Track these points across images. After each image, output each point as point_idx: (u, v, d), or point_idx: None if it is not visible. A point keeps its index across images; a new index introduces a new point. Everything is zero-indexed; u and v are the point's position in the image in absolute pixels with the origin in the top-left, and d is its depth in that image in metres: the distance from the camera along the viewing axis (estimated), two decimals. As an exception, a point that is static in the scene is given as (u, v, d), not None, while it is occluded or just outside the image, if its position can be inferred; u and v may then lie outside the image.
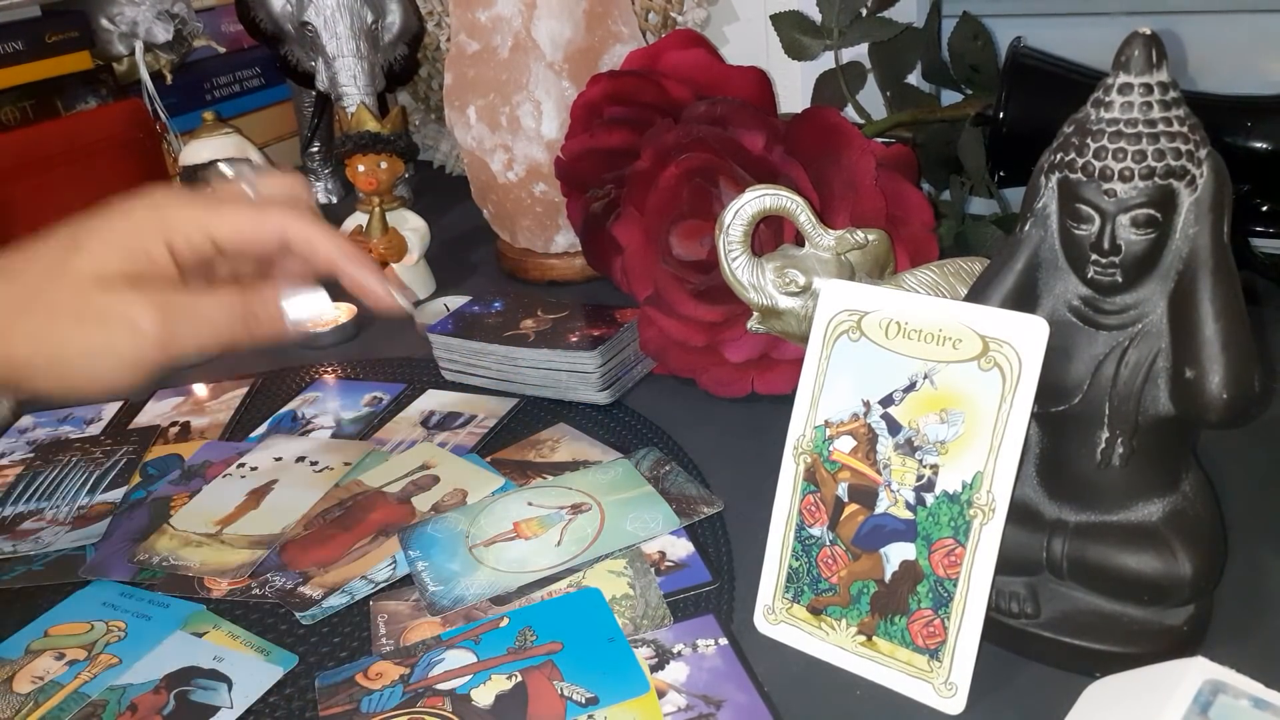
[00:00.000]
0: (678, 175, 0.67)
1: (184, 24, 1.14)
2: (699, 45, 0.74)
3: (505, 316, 0.74)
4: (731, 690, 0.44)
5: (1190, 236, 0.40)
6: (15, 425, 0.73)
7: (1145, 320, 0.41)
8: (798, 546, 0.47)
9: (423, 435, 0.67)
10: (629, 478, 0.59)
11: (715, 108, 0.67)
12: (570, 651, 0.46)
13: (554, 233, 0.88)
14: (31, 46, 0.98)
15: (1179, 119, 0.39)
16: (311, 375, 0.77)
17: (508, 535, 0.55)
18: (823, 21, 0.86)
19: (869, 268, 0.58)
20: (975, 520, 0.42)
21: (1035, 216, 0.43)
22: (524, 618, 0.49)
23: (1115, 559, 0.43)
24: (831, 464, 0.46)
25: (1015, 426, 0.41)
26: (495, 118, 0.84)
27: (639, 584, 0.50)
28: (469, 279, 0.93)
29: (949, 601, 0.42)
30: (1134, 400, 0.42)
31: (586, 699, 0.43)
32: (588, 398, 0.68)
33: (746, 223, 0.58)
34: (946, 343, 0.43)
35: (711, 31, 1.03)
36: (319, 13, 1.02)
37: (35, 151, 0.95)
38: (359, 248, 0.48)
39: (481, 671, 0.45)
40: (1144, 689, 0.37)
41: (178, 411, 0.73)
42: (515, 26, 0.81)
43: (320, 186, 1.20)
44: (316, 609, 0.51)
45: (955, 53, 0.86)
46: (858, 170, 0.62)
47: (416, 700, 0.44)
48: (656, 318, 0.68)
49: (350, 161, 0.86)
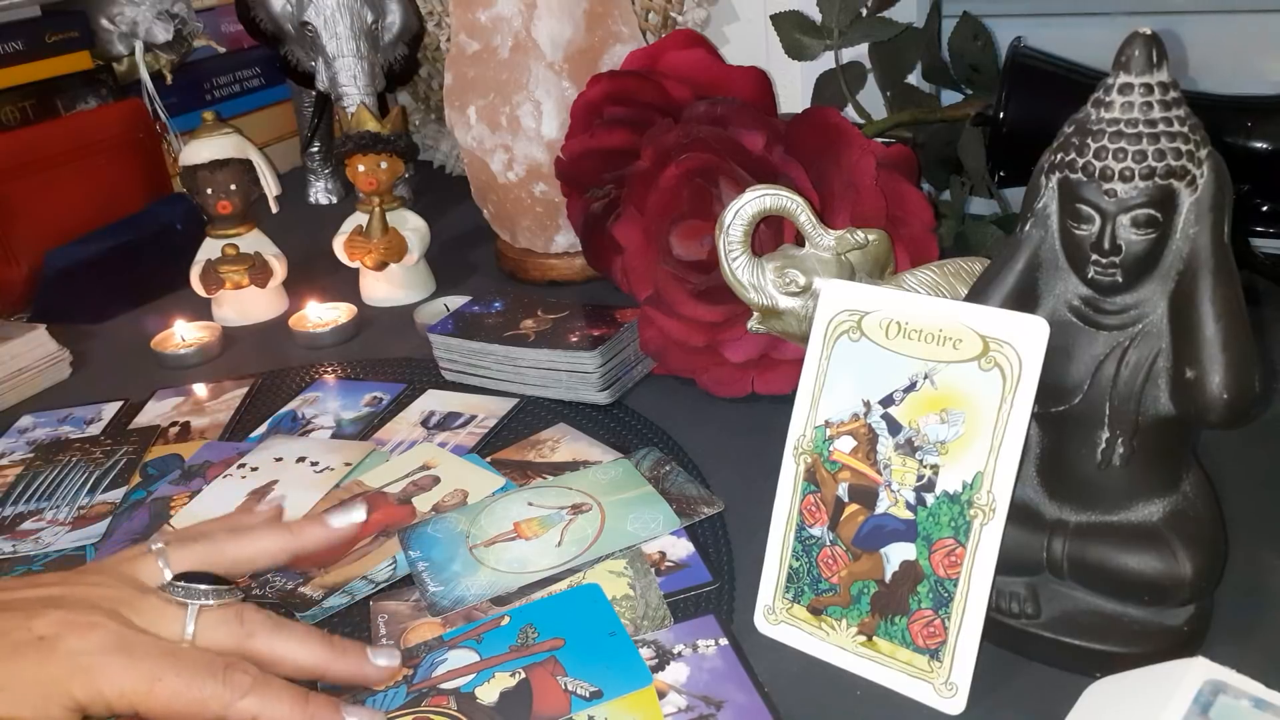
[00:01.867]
0: (678, 175, 0.67)
1: (184, 24, 1.14)
2: (699, 45, 0.74)
3: (505, 316, 0.74)
4: (732, 690, 0.44)
5: (1190, 236, 0.40)
6: (15, 425, 0.73)
7: (1145, 320, 0.41)
8: (798, 546, 0.47)
9: (423, 435, 0.67)
10: (629, 478, 0.59)
11: (715, 108, 0.67)
12: (572, 647, 0.46)
13: (554, 233, 0.88)
14: (31, 46, 0.98)
15: (1179, 119, 0.39)
16: (311, 375, 0.77)
17: (508, 535, 0.55)
18: (823, 21, 0.86)
19: (869, 268, 0.58)
20: (975, 520, 0.42)
21: (1035, 216, 0.43)
22: (525, 615, 0.49)
23: (1115, 559, 0.43)
24: (832, 464, 0.46)
25: (1015, 427, 0.41)
26: (495, 118, 0.84)
27: (639, 584, 0.50)
28: (469, 279, 0.93)
29: (949, 601, 0.42)
30: (1134, 400, 0.42)
31: (590, 693, 0.44)
32: (588, 398, 0.68)
33: (746, 223, 0.58)
34: (947, 343, 0.43)
35: (711, 31, 1.03)
36: (319, 13, 1.02)
37: (35, 151, 0.95)
38: (314, 702, 0.42)
39: (485, 670, 0.45)
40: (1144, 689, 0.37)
41: (178, 411, 0.73)
42: (515, 26, 0.81)
43: (320, 186, 1.20)
44: (317, 609, 0.51)
45: (955, 53, 0.86)
46: (858, 170, 0.62)
47: (421, 700, 0.44)
48: (656, 318, 0.68)
49: (350, 161, 0.86)
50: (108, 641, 0.40)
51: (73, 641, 0.40)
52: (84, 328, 0.89)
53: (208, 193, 0.85)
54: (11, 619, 0.40)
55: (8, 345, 0.77)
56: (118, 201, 1.00)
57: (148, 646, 0.41)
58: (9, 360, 0.77)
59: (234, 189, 0.85)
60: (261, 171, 0.86)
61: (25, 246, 0.93)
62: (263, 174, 0.86)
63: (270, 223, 0.91)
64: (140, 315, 0.91)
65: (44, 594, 0.42)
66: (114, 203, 1.00)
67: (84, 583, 0.44)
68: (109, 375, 0.81)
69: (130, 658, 0.40)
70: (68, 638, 0.40)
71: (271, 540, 0.51)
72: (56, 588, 0.43)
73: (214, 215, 0.86)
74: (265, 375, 0.78)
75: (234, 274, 0.86)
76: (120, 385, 0.78)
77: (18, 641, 0.39)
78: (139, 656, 0.40)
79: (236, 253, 0.86)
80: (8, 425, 0.73)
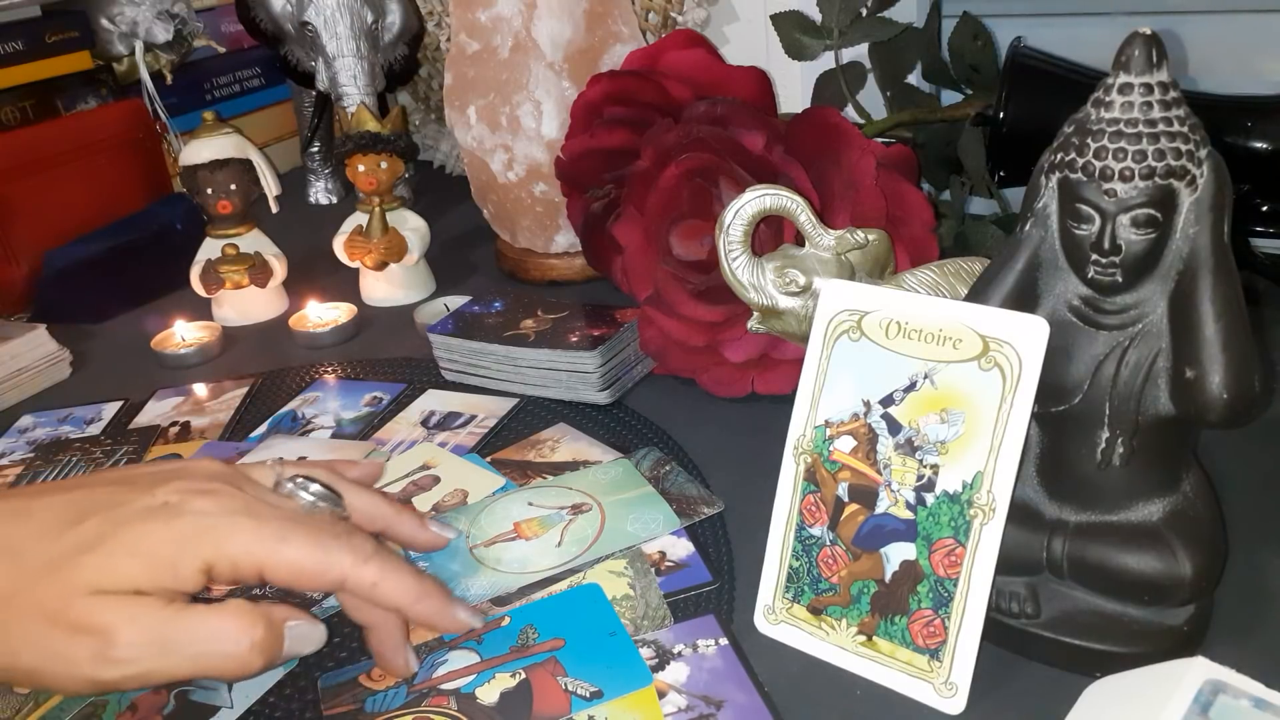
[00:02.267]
0: (678, 175, 0.68)
1: (184, 24, 1.14)
2: (699, 45, 0.74)
3: (505, 316, 0.74)
4: (732, 690, 0.44)
5: (1190, 236, 0.40)
6: (15, 425, 0.73)
7: (1145, 320, 0.41)
8: (798, 546, 0.47)
9: (423, 435, 0.67)
10: (629, 478, 0.59)
11: (715, 108, 0.67)
12: (572, 647, 0.46)
13: (554, 233, 0.88)
14: (31, 46, 0.98)
15: (1179, 119, 0.39)
16: (311, 375, 0.77)
17: (508, 535, 0.55)
18: (823, 21, 0.86)
19: (869, 268, 0.58)
20: (975, 520, 0.42)
21: (1035, 216, 0.43)
22: (525, 616, 0.49)
23: (1115, 559, 0.43)
24: (832, 464, 0.46)
25: (1015, 426, 0.41)
26: (495, 118, 0.84)
27: (639, 584, 0.50)
28: (469, 279, 0.93)
29: (949, 601, 0.42)
30: (1134, 400, 0.42)
31: (591, 693, 0.44)
32: (588, 398, 0.68)
33: (746, 223, 0.58)
34: (947, 343, 0.43)
35: (711, 31, 1.03)
36: (319, 13, 1.02)
37: (35, 151, 0.95)
38: (429, 585, 0.44)
39: (485, 670, 0.45)
40: (1144, 689, 0.37)
41: (178, 411, 0.73)
42: (515, 26, 0.81)
43: (320, 186, 1.20)
44: (317, 609, 0.51)
45: (955, 53, 0.86)
46: (858, 170, 0.62)
47: (421, 700, 0.44)
48: (656, 318, 0.68)
49: (350, 161, 0.86)
50: (234, 505, 0.41)
51: (199, 503, 0.40)
52: (84, 328, 0.89)
53: (208, 193, 0.85)
54: (134, 490, 0.41)
55: (8, 345, 0.77)
56: (118, 201, 1.00)
57: (272, 510, 0.41)
58: (9, 360, 0.77)
59: (234, 189, 0.85)
60: (261, 171, 0.86)
61: (25, 246, 0.93)
62: (263, 174, 0.86)
63: (270, 223, 0.91)
64: (140, 315, 0.91)
65: (164, 468, 0.44)
66: (114, 203, 1.00)
67: (200, 465, 0.44)
68: (109, 375, 0.81)
69: (256, 520, 0.40)
70: (194, 500, 0.40)
71: (375, 508, 0.49)
72: (174, 464, 0.45)
73: (214, 215, 0.86)
74: (265, 375, 0.78)
75: (234, 274, 0.86)
76: (120, 385, 0.78)
77: (144, 507, 0.40)
78: (265, 519, 0.41)
79: (236, 253, 0.86)
80: (8, 425, 0.73)
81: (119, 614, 0.38)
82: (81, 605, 0.37)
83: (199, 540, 0.39)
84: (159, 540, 0.39)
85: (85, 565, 0.38)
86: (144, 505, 0.40)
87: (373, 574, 0.41)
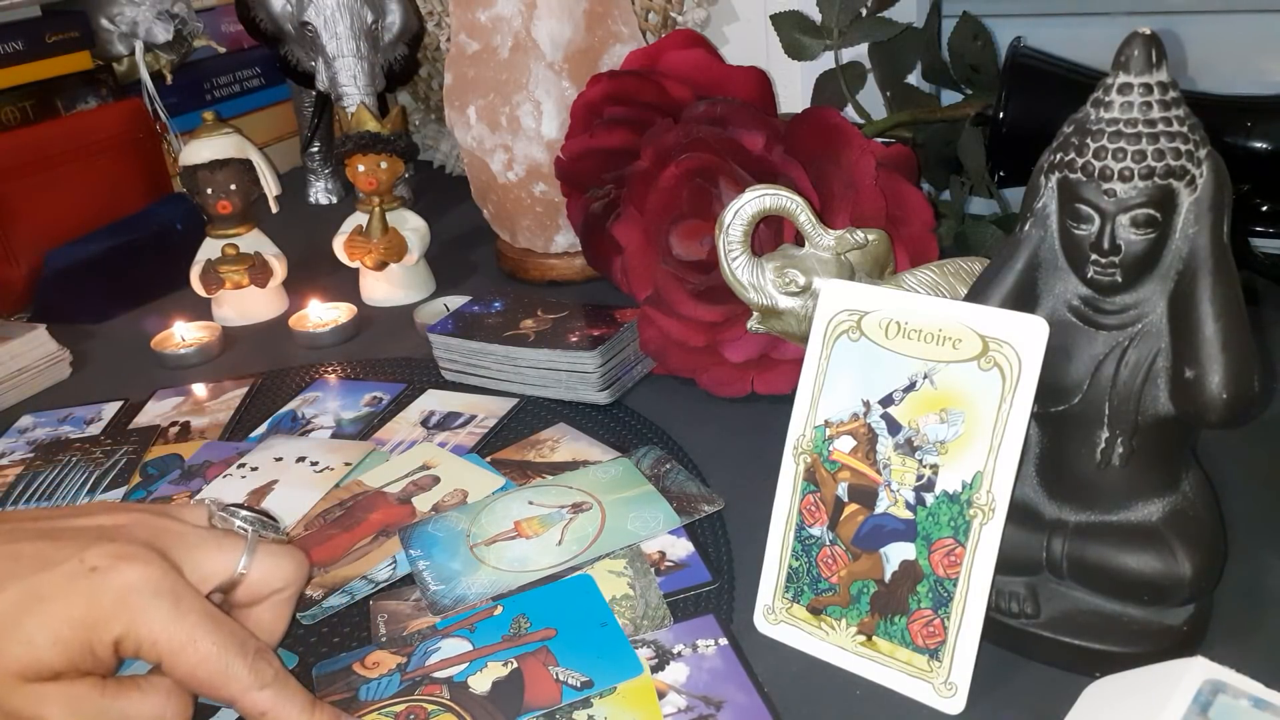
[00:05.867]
0: (678, 175, 0.68)
1: (184, 24, 1.14)
2: (699, 45, 0.74)
3: (505, 316, 0.74)
4: (732, 690, 0.44)
5: (1190, 236, 0.40)
6: (15, 425, 0.73)
7: (1145, 320, 0.41)
8: (798, 546, 0.47)
9: (423, 435, 0.67)
10: (629, 476, 0.59)
11: (715, 108, 0.67)
12: (564, 637, 0.47)
13: (554, 233, 0.88)
14: (31, 46, 0.98)
15: (1179, 119, 0.39)
16: (311, 375, 0.77)
17: (509, 534, 0.55)
18: (823, 21, 0.86)
19: (869, 268, 0.58)
20: (975, 520, 0.42)
21: (1035, 216, 0.43)
22: (518, 605, 0.49)
23: (1115, 559, 0.43)
24: (831, 464, 0.46)
25: (1015, 426, 0.41)
26: (495, 118, 0.84)
27: (639, 584, 0.50)
28: (469, 279, 0.93)
29: (949, 601, 0.42)
30: (1134, 400, 0.42)
31: (582, 683, 0.44)
32: (588, 397, 0.68)
33: (746, 223, 0.58)
34: (946, 343, 0.43)
35: (711, 31, 1.03)
36: (319, 13, 1.02)
37: (35, 151, 0.95)
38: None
39: (478, 659, 0.46)
40: (1144, 689, 0.37)
41: (178, 411, 0.73)
42: (515, 26, 0.81)
43: (320, 186, 1.20)
44: (316, 609, 0.51)
45: (955, 53, 0.86)
46: (858, 170, 0.63)
47: (414, 688, 0.44)
48: (656, 318, 0.68)
49: (350, 161, 0.86)
50: (161, 583, 0.40)
51: (126, 574, 0.39)
52: (84, 328, 0.89)
53: (208, 193, 0.85)
54: (64, 549, 0.40)
55: (8, 345, 0.77)
56: (118, 201, 1.00)
57: (194, 602, 0.40)
58: (9, 360, 0.77)
59: (234, 189, 0.85)
60: (261, 171, 0.86)
61: (25, 246, 0.93)
62: (263, 174, 0.86)
63: (270, 223, 0.91)
64: (140, 315, 0.91)
65: (95, 523, 0.42)
66: (114, 203, 1.00)
67: (133, 511, 0.44)
68: (109, 375, 0.81)
69: (177, 610, 0.39)
70: (122, 569, 0.39)
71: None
72: (105, 516, 0.43)
73: (214, 215, 0.86)
74: (265, 375, 0.78)
75: (234, 274, 0.86)
76: (120, 385, 0.78)
77: (71, 573, 0.39)
78: (185, 611, 0.40)
79: (236, 253, 0.86)
80: (8, 425, 0.73)
81: (56, 705, 0.38)
82: (19, 695, 0.38)
83: (115, 615, 0.39)
84: (79, 621, 0.38)
85: (8, 654, 0.38)
86: (69, 571, 0.39)
87: (265, 703, 0.40)
